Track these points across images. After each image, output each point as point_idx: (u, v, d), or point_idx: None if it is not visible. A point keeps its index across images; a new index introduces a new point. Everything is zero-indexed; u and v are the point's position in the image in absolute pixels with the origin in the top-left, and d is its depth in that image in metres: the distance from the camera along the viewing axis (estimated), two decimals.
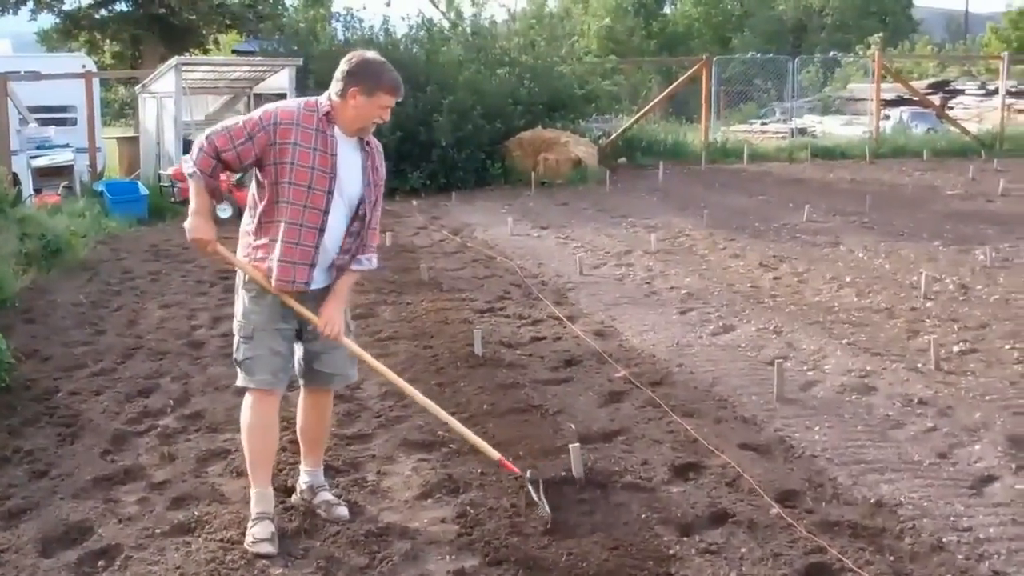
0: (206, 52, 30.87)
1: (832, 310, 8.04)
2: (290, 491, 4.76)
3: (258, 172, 4.18)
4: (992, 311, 7.81)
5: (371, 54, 4.24)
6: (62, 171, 16.34)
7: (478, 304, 8.60)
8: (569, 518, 4.34)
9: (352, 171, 4.20)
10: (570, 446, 4.74)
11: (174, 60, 16.16)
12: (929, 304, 8.07)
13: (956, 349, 6.80)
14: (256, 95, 18.53)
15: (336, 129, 4.16)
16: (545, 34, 20.82)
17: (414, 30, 19.88)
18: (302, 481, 4.61)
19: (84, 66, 19.06)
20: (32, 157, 16.30)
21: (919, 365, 6.48)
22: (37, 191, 15.38)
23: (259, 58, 20.14)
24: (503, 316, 8.18)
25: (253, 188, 4.28)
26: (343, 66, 4.14)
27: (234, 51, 30.01)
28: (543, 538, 4.17)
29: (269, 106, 4.19)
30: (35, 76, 17.86)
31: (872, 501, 4.44)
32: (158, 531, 4.39)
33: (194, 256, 11.34)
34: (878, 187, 16.16)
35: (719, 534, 4.18)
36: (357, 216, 4.24)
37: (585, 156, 18.31)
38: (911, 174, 18.18)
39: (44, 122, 18.63)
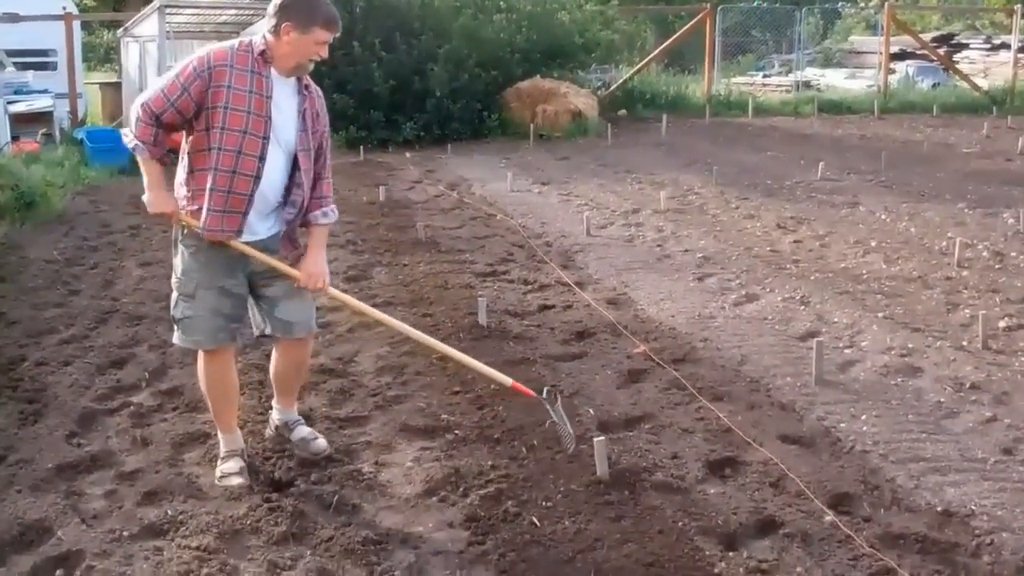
0: None
1: (861, 278, 7.49)
2: (277, 484, 4.23)
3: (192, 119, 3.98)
4: None
5: None
6: (41, 118, 15.56)
7: (479, 267, 8.02)
8: (595, 525, 3.80)
9: (287, 115, 4.02)
10: (594, 440, 4.19)
11: (157, 2, 15.38)
12: (965, 273, 7.52)
13: (1002, 325, 6.26)
14: None
15: (272, 70, 3.97)
16: None
17: None
18: (275, 418, 4.56)
19: (64, 8, 18.17)
20: (9, 103, 15.53)
21: (964, 343, 5.94)
22: (15, 138, 14.63)
23: (246, 1, 19.34)
24: (507, 281, 7.61)
25: (184, 136, 4.07)
26: (276, 1, 3.92)
27: None
28: (567, 548, 3.64)
29: (201, 51, 3.98)
30: (13, 18, 17.03)
31: (939, 509, 3.91)
32: (126, 534, 3.85)
33: None
34: (891, 144, 15.54)
35: (769, 548, 3.65)
36: (296, 165, 4.06)
37: (585, 108, 17.62)
38: (923, 130, 17.58)
39: (23, 66, 17.82)
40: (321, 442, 4.43)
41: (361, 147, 15.42)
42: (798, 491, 4.03)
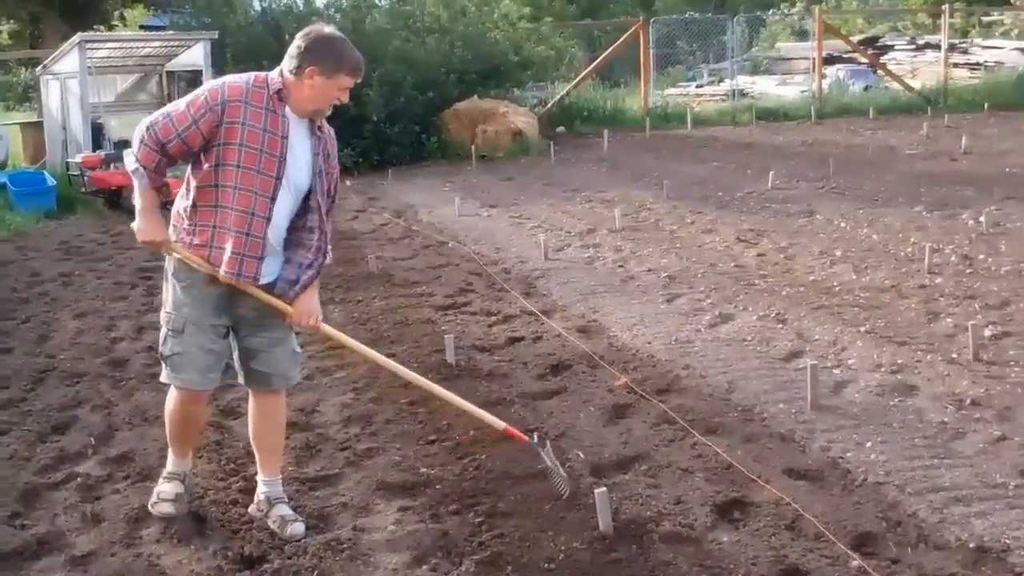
0: (111, 28, 29.20)
1: (833, 291, 7.26)
2: (248, 561, 3.84)
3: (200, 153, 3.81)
4: (1009, 285, 7.09)
5: (329, 29, 3.87)
6: None
7: (438, 299, 7.66)
8: None
9: (301, 157, 3.84)
10: (595, 492, 3.85)
11: (77, 37, 14.82)
12: (938, 280, 7.33)
13: (988, 333, 6.04)
14: (169, 72, 17.27)
15: (287, 109, 3.78)
16: None
17: None
18: (259, 492, 4.18)
19: None
20: None
21: (954, 355, 5.71)
22: None
23: (170, 32, 18.80)
24: (469, 313, 7.26)
25: (188, 168, 3.89)
26: (299, 42, 3.76)
27: (141, 26, 28.42)
28: None
29: (214, 82, 3.82)
30: None
31: (971, 545, 3.62)
32: None
33: (109, 254, 10.25)
34: (834, 149, 15.48)
35: None
36: (309, 208, 3.90)
37: (525, 127, 17.37)
38: (862, 133, 17.58)
39: None
40: (298, 527, 4.01)
41: None
42: (817, 533, 3.73)
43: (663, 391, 5.39)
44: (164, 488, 4.18)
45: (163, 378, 4.08)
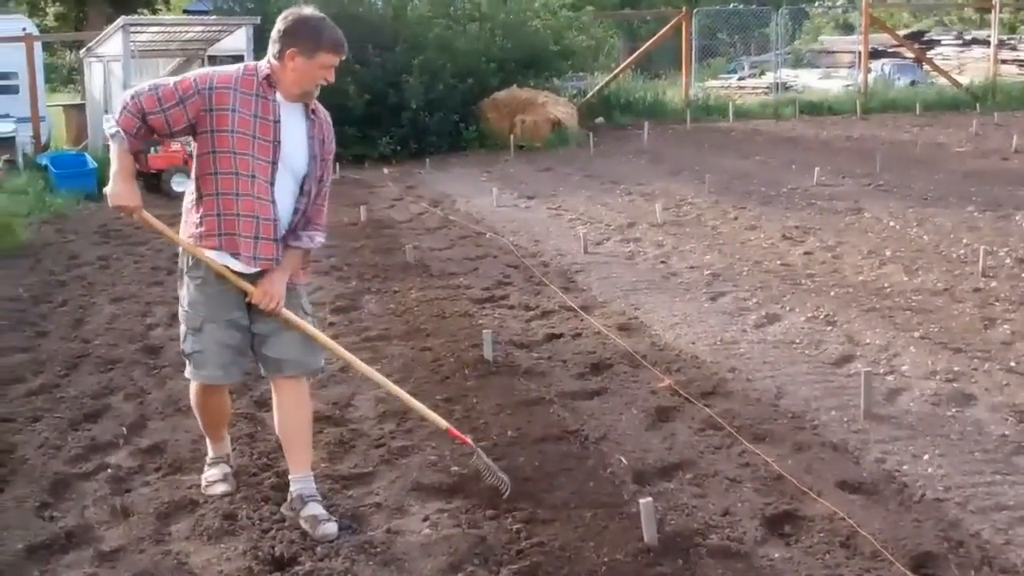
0: (155, 12, 29.25)
1: (884, 292, 7.04)
2: (278, 562, 3.72)
3: (193, 141, 3.87)
4: None
5: (308, 10, 3.87)
6: (2, 144, 14.91)
7: (475, 292, 7.52)
8: None
9: (297, 141, 3.88)
10: (640, 502, 3.69)
11: (121, 20, 14.79)
12: (993, 284, 7.09)
13: None
14: (211, 57, 17.21)
15: (278, 95, 3.83)
16: None
17: None
18: (291, 490, 4.06)
19: (24, 29, 17.58)
20: None
21: (1012, 364, 5.49)
22: None
23: (213, 17, 18.76)
24: (507, 307, 7.11)
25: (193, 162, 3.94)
26: (279, 25, 3.80)
27: (185, 11, 28.45)
28: None
29: (206, 69, 3.89)
30: None
31: None
32: None
33: (147, 237, 10.16)
34: (880, 145, 15.17)
35: None
36: (301, 191, 3.95)
37: (564, 117, 17.17)
38: (909, 130, 17.25)
39: None
40: (330, 527, 3.87)
41: (336, 164, 14.85)
42: (874, 552, 3.55)
43: (708, 394, 5.22)
44: (211, 472, 4.29)
45: (187, 374, 4.12)
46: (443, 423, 4.18)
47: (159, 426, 5.11)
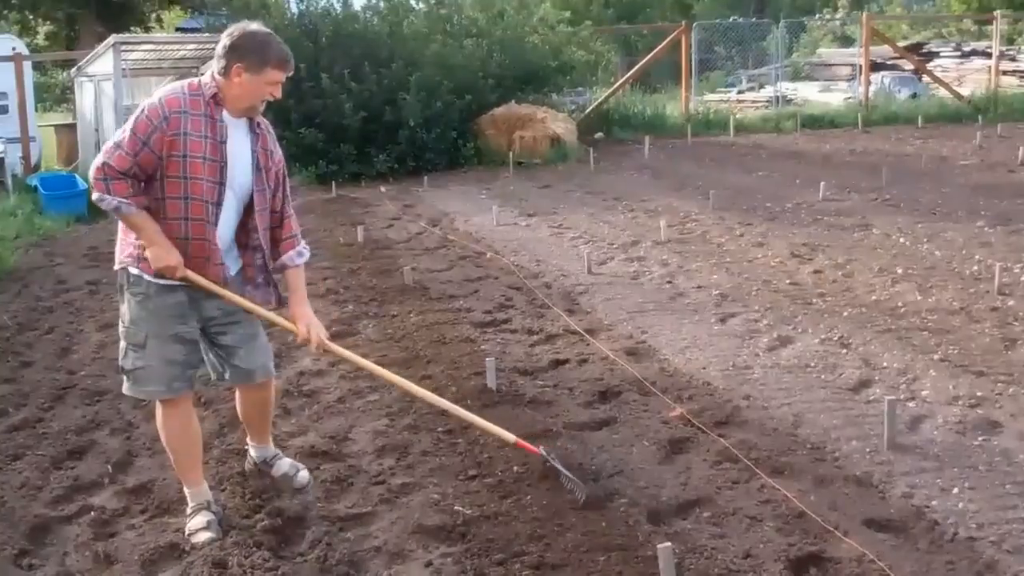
0: (148, 30, 29.09)
1: (898, 312, 6.81)
2: None
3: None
4: None
5: (255, 25, 3.86)
6: None
7: (476, 315, 7.28)
8: None
9: (242, 158, 3.89)
10: (658, 548, 3.44)
11: (112, 39, 14.63)
12: (1011, 303, 6.85)
13: None
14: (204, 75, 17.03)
15: (224, 113, 3.83)
16: (514, 2, 19.35)
17: (375, 0, 18.35)
18: (251, 456, 4.45)
19: (14, 49, 17.35)
20: None
21: None
22: None
23: (206, 35, 18.58)
24: (509, 331, 6.87)
25: None
26: (224, 40, 3.78)
27: (178, 29, 28.29)
28: None
29: (151, 101, 3.78)
30: None
31: None
32: None
33: None
34: (884, 158, 14.96)
35: None
36: (252, 208, 3.93)
37: (564, 133, 16.96)
38: (912, 143, 17.05)
39: None
40: (303, 475, 4.35)
41: (332, 182, 14.66)
42: None
43: (722, 423, 4.98)
44: (194, 521, 4.05)
45: (125, 390, 4.08)
46: (510, 436, 4.27)
47: (146, 463, 4.87)
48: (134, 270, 3.87)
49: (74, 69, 16.92)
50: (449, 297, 7.83)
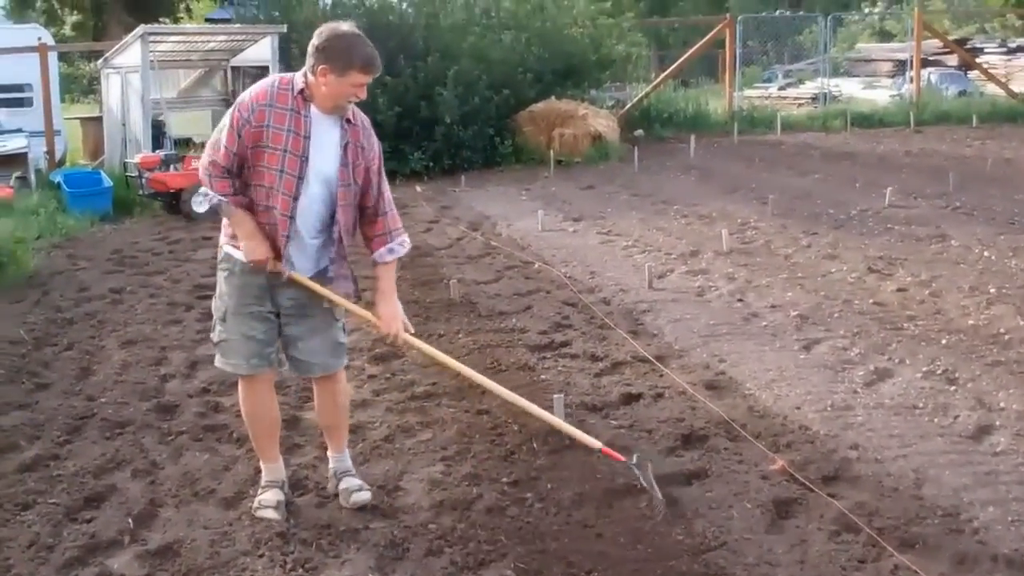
0: (177, 21, 28.56)
1: (1001, 340, 6.14)
2: None
3: None
4: None
5: (345, 26, 3.92)
6: (15, 160, 14.14)
7: (532, 336, 6.65)
8: None
9: (328, 151, 3.94)
10: None
11: (140, 29, 14.04)
12: None
13: None
14: (234, 68, 16.47)
15: (312, 108, 3.91)
16: None
17: None
18: (330, 467, 4.42)
19: (39, 38, 16.82)
20: None
21: None
22: None
23: (237, 26, 18.02)
24: (570, 356, 6.23)
25: None
26: (313, 41, 3.86)
27: (207, 20, 27.75)
28: None
29: (244, 95, 3.95)
30: None
31: None
32: None
33: (165, 266, 9.41)
34: (943, 161, 14.25)
35: None
36: (335, 200, 3.96)
37: (606, 130, 16.28)
38: (970, 143, 16.32)
39: None
40: (364, 495, 4.24)
41: None
42: None
43: (831, 479, 4.34)
44: (265, 496, 4.23)
45: (216, 363, 4.23)
46: (596, 443, 4.17)
47: (172, 517, 4.26)
48: (228, 248, 4.06)
49: (101, 60, 16.37)
50: (500, 314, 7.21)
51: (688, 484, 4.37)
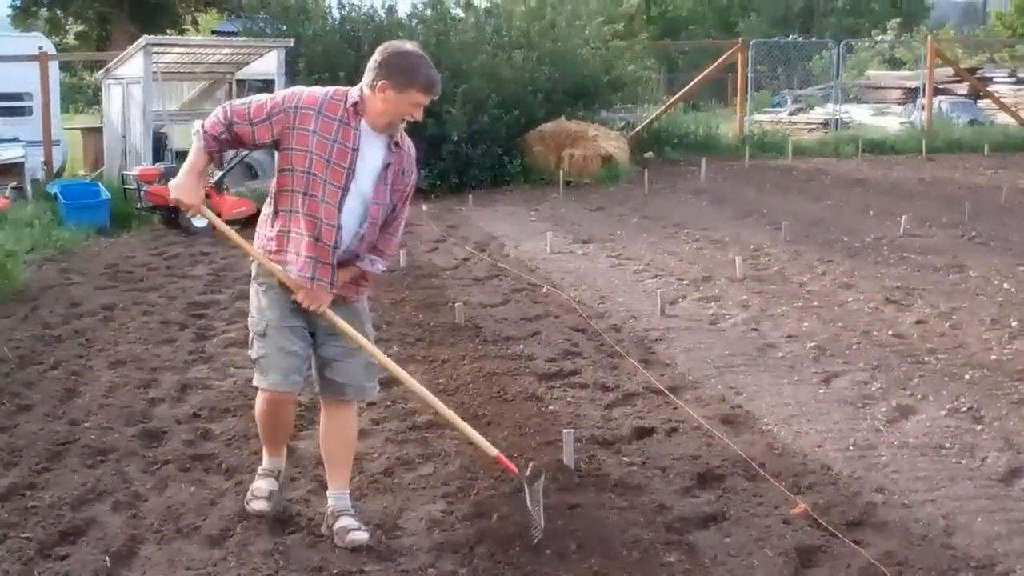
0: (183, 33, 28.42)
1: None
2: None
3: (277, 156, 3.97)
4: None
5: (409, 45, 3.97)
6: (11, 169, 13.90)
7: (539, 364, 6.38)
8: None
9: (371, 168, 3.91)
10: None
11: (143, 40, 13.84)
12: None
13: None
14: (239, 81, 16.26)
15: (363, 123, 3.88)
16: (566, 12, 18.48)
17: (420, 8, 17.54)
18: (328, 505, 4.17)
19: (40, 47, 16.61)
20: None
21: None
22: None
23: (242, 39, 17.83)
24: (580, 386, 5.96)
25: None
26: (376, 56, 3.88)
27: (214, 32, 27.60)
28: None
29: (297, 88, 4.00)
30: None
31: None
32: None
33: (160, 282, 9.13)
34: (956, 190, 14.01)
35: None
36: (368, 215, 3.95)
37: (616, 152, 16.05)
38: (982, 172, 16.10)
39: None
40: (360, 535, 3.97)
41: None
42: None
43: (855, 525, 4.06)
44: (259, 485, 4.27)
45: (255, 382, 4.13)
46: (492, 450, 4.07)
47: (153, 555, 3.98)
48: (263, 263, 4.00)
49: (102, 71, 16.16)
50: (506, 339, 6.94)
51: (705, 527, 4.09)
